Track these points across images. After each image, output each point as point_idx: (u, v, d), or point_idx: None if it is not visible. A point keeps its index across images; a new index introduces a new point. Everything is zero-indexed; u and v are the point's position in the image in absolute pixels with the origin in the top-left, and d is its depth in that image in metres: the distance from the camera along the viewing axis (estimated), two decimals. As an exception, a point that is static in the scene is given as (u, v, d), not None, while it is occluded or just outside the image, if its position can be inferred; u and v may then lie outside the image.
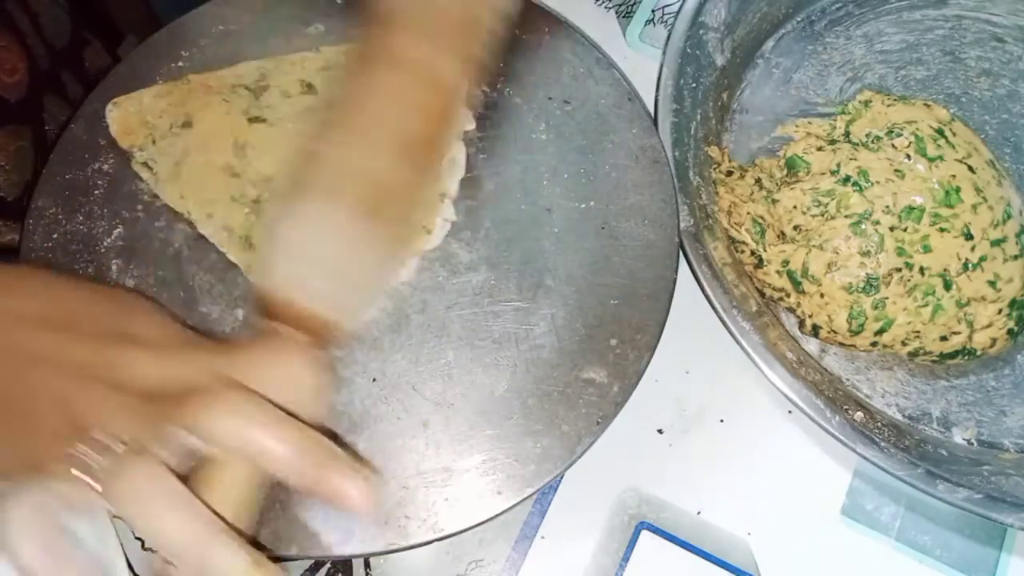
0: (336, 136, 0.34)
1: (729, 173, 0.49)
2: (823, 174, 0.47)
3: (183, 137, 0.43)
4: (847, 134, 0.49)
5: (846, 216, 0.45)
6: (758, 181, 0.48)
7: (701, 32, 0.48)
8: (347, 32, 0.46)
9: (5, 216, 0.46)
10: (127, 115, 0.44)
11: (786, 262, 0.46)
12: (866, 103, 0.50)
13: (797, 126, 0.50)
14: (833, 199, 0.46)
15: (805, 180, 0.48)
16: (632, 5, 0.54)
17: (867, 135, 0.48)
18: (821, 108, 0.51)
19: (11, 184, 0.46)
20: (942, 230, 0.45)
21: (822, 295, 0.45)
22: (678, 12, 0.48)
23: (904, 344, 0.45)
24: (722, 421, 0.47)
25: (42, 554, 0.25)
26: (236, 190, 0.42)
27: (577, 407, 0.39)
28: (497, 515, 0.38)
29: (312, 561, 0.43)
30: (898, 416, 0.45)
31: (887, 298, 0.44)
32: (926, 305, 0.44)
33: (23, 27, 0.48)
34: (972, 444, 0.45)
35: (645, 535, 0.42)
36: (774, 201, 0.47)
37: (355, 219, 0.32)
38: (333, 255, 0.32)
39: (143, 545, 0.44)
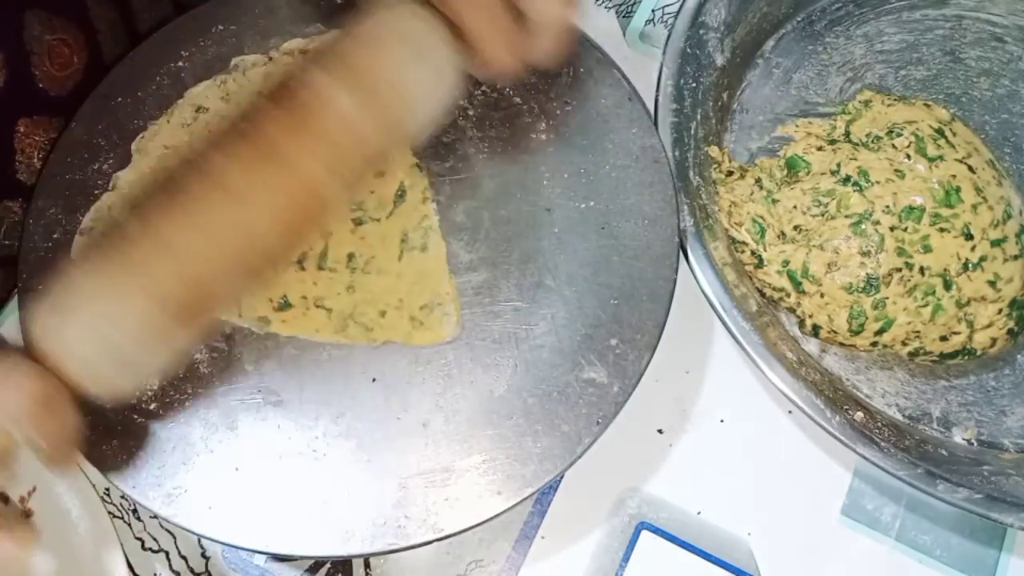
0: (190, 203, 0.32)
1: (729, 173, 0.49)
2: (823, 174, 0.47)
3: None
4: (847, 134, 0.49)
5: (846, 216, 0.45)
6: (758, 181, 0.48)
7: (701, 32, 0.48)
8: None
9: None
10: None
11: (786, 262, 0.46)
12: (866, 103, 0.50)
13: (797, 126, 0.50)
14: (833, 199, 0.46)
15: (805, 180, 0.48)
16: (632, 5, 0.54)
17: (867, 135, 0.48)
18: (821, 108, 0.51)
19: (33, 172, 0.45)
20: (942, 230, 0.45)
21: (822, 295, 0.45)
22: (678, 12, 0.48)
23: (904, 344, 0.45)
24: (722, 421, 0.47)
25: None
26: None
27: (577, 407, 0.39)
28: (497, 515, 0.38)
29: (312, 561, 0.43)
30: (898, 416, 0.45)
31: (887, 298, 0.44)
32: (926, 305, 0.44)
33: (100, 22, 0.47)
34: (972, 444, 0.45)
35: (645, 535, 0.42)
36: (774, 201, 0.47)
37: (158, 316, 0.31)
38: (121, 344, 0.31)
39: (143, 545, 0.44)
